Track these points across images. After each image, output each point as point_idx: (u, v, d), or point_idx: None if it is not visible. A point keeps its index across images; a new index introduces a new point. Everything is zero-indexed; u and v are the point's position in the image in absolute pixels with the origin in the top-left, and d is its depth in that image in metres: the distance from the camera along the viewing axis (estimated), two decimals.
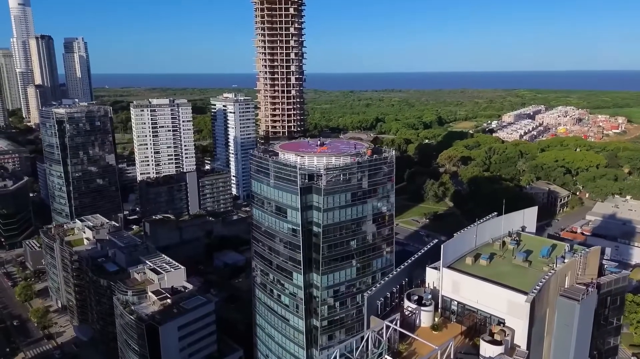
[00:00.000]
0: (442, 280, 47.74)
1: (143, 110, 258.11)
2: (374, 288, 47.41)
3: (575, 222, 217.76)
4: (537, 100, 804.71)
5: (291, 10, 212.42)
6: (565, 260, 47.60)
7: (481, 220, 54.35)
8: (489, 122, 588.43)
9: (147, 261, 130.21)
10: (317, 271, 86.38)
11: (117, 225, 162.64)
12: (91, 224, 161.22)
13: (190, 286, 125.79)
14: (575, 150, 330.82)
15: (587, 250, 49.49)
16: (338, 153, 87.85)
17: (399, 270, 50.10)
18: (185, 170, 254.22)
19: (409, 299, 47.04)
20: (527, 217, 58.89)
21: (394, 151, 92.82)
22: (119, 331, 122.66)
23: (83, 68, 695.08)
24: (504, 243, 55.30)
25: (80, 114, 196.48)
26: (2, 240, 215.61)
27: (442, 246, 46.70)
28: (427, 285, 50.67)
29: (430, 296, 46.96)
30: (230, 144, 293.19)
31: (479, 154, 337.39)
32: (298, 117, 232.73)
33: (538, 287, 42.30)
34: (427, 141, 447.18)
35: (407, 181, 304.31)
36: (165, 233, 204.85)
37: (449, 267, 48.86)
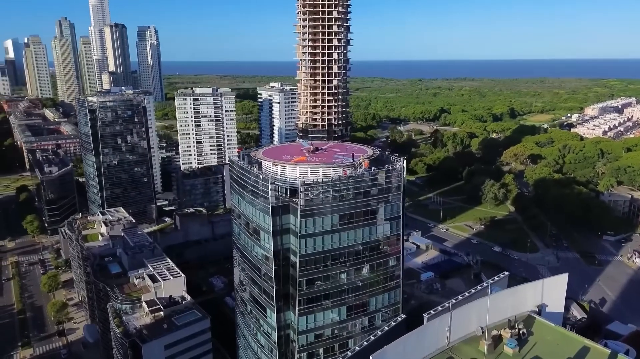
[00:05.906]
0: None
1: (186, 99, 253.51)
2: None
3: None
4: (628, 92, 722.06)
5: None
6: None
7: (467, 292, 34.91)
8: (569, 115, 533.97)
9: (148, 266, 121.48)
10: (294, 311, 69.52)
11: (134, 221, 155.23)
12: (110, 218, 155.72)
13: (188, 298, 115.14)
14: None
15: None
16: (326, 163, 69.68)
17: None
18: (227, 161, 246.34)
19: None
20: (551, 289, 36.39)
21: (404, 161, 72.80)
22: (112, 339, 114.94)
23: (154, 56, 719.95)
24: (499, 338, 33.46)
25: (113, 103, 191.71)
26: (46, 225, 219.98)
27: (371, 357, 28.15)
28: None
29: None
30: (275, 135, 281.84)
31: (551, 152, 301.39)
32: (340, 109, 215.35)
33: None
34: (494, 135, 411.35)
35: (465, 180, 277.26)
36: (196, 228, 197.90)
37: None
